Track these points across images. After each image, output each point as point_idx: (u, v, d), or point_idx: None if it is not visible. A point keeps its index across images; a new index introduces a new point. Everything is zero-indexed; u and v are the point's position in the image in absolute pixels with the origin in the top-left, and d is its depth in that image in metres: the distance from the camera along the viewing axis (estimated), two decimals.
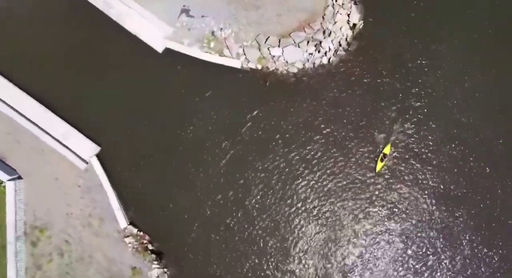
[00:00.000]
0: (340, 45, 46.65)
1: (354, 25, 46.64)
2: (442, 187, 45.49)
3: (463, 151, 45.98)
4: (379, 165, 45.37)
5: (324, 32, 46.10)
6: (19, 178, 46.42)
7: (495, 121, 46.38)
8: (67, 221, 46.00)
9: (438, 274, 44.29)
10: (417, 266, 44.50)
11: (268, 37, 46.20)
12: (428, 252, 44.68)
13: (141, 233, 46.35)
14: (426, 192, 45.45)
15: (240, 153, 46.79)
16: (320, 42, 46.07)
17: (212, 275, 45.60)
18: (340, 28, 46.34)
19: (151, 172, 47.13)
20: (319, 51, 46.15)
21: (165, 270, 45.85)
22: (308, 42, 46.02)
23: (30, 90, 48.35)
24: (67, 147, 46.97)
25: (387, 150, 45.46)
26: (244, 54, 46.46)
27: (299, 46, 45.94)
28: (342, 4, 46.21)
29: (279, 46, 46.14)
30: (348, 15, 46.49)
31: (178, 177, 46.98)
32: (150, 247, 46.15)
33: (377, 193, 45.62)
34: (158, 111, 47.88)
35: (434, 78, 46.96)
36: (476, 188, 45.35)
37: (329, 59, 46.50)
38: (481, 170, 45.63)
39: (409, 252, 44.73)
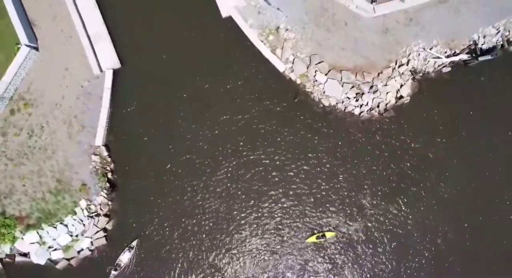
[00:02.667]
0: (377, 106, 48.75)
1: (401, 97, 48.73)
2: None
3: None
4: (312, 239, 47.75)
5: (371, 87, 48.06)
6: (36, 49, 47.86)
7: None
8: (53, 110, 48.35)
9: None
10: None
11: (322, 61, 48.14)
12: None
13: (109, 159, 48.73)
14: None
15: (230, 134, 49.36)
16: (362, 94, 48.14)
17: (146, 224, 48.73)
18: (387, 93, 48.32)
19: (148, 111, 49.52)
20: (356, 100, 48.21)
21: (110, 202, 48.38)
22: (352, 86, 48.00)
23: None
24: (93, 47, 48.36)
25: (329, 234, 47.72)
26: (293, 63, 48.42)
27: (342, 86, 47.98)
28: (402, 73, 47.86)
29: (326, 75, 48.07)
30: (401, 85, 48.33)
31: (168, 129, 49.52)
32: (109, 175, 48.89)
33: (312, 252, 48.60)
34: (186, 61, 49.93)
35: (430, 192, 48.94)
36: None
37: (361, 112, 48.74)
38: None
39: None
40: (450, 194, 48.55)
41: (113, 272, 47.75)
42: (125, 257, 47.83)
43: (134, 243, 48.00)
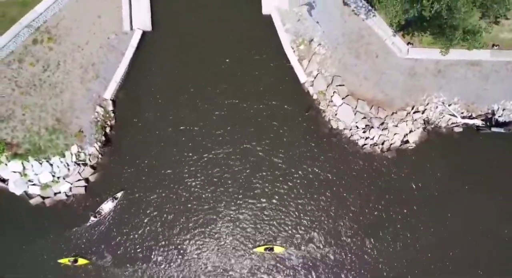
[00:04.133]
0: (382, 144, 51.14)
1: (407, 141, 51.11)
2: None
3: None
4: (260, 249, 50.41)
5: (381, 124, 50.41)
6: None
7: None
8: (74, 51, 50.51)
9: None
10: None
11: (343, 85, 50.31)
12: None
13: (112, 115, 51.34)
14: None
15: (234, 119, 51.73)
16: (371, 127, 50.50)
17: (128, 186, 51.17)
18: (395, 133, 50.67)
19: (163, 79, 51.83)
20: (364, 132, 50.64)
21: (100, 156, 51.00)
22: (364, 117, 50.36)
23: None
24: (130, 3, 50.77)
25: (278, 249, 50.26)
26: (315, 78, 50.69)
27: (355, 114, 50.28)
28: (415, 120, 50.17)
29: (342, 98, 50.25)
30: (411, 131, 50.74)
31: (177, 100, 51.80)
32: (107, 130, 51.48)
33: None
34: (213, 41, 52.07)
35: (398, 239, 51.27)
36: None
37: (364, 144, 51.18)
38: None
39: None
40: (426, 245, 50.73)
41: (92, 218, 50.44)
42: (107, 206, 50.57)
43: (119, 194, 50.70)
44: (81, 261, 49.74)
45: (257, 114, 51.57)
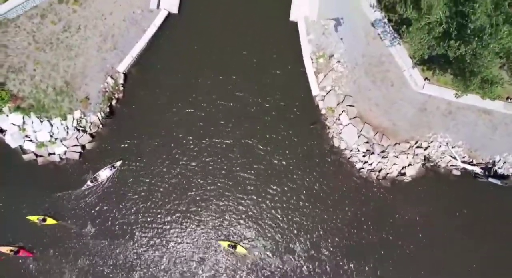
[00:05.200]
0: (379, 171, 52.03)
1: (404, 174, 51.98)
2: None
3: None
4: (224, 243, 51.30)
5: (382, 151, 51.37)
6: None
7: None
8: (97, 19, 51.36)
9: None
10: None
11: (353, 106, 51.27)
12: None
13: (121, 88, 52.47)
14: None
15: (239, 112, 52.54)
16: (372, 153, 51.44)
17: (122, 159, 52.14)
18: (394, 164, 51.58)
19: (177, 63, 52.76)
20: (363, 156, 51.63)
21: (101, 126, 52.30)
22: (367, 142, 51.32)
23: None
24: None
25: (241, 249, 51.04)
26: (327, 93, 51.69)
27: (359, 136, 51.18)
28: (416, 154, 51.16)
29: (350, 119, 51.21)
30: (409, 164, 51.56)
31: (187, 85, 52.71)
32: (113, 102, 52.59)
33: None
34: (235, 35, 52.96)
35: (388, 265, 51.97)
36: None
37: (361, 168, 52.07)
38: None
39: None
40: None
41: (88, 182, 51.53)
42: (104, 174, 51.63)
43: (118, 164, 51.74)
44: (49, 221, 50.65)
45: (263, 113, 52.48)
